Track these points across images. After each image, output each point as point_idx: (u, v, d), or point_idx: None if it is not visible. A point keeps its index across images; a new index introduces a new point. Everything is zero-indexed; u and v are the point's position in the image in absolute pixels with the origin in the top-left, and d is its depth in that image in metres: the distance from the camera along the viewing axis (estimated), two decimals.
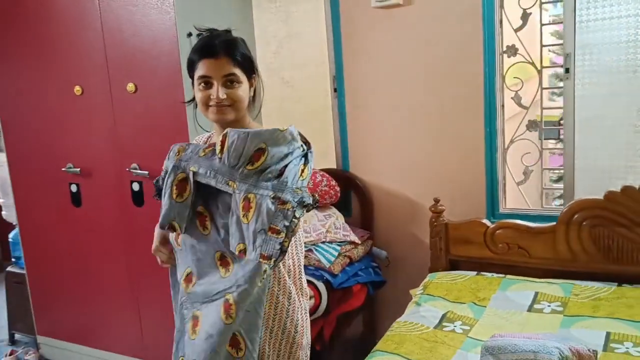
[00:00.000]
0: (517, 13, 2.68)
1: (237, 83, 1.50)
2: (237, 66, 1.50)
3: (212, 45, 1.49)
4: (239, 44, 1.54)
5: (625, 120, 2.43)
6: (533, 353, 1.53)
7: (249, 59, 1.55)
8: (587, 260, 2.16)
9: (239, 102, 1.51)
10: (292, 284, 1.50)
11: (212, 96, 1.49)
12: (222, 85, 1.49)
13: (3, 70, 3.06)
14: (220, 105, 1.49)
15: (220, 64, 1.48)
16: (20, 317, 3.50)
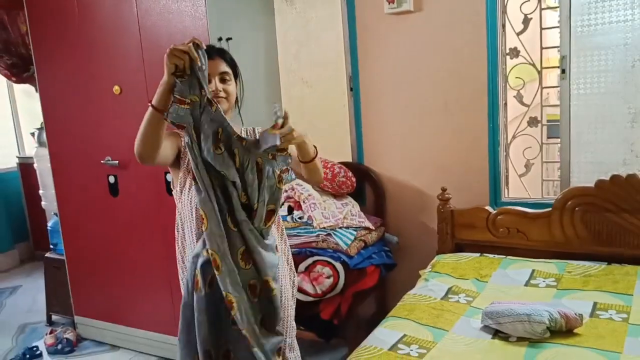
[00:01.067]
0: (519, 18, 2.92)
1: (229, 80, 1.85)
2: (228, 66, 1.85)
3: (211, 50, 1.83)
4: (228, 52, 1.91)
5: (619, 117, 2.66)
6: (526, 315, 1.78)
7: (235, 64, 1.91)
8: (579, 242, 2.40)
9: (231, 95, 1.85)
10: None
11: (212, 89, 1.77)
12: (219, 81, 1.81)
13: (48, 70, 3.32)
14: (218, 96, 1.79)
15: (216, 63, 1.81)
16: (58, 300, 3.75)
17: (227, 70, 1.85)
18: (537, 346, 1.73)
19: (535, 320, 1.76)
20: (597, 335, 1.77)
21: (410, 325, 1.94)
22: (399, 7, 2.85)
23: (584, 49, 2.66)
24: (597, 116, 2.69)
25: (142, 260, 3.21)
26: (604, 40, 2.62)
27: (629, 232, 2.30)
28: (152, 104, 1.66)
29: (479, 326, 1.90)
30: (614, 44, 2.60)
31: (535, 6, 2.85)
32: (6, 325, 3.87)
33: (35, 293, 4.29)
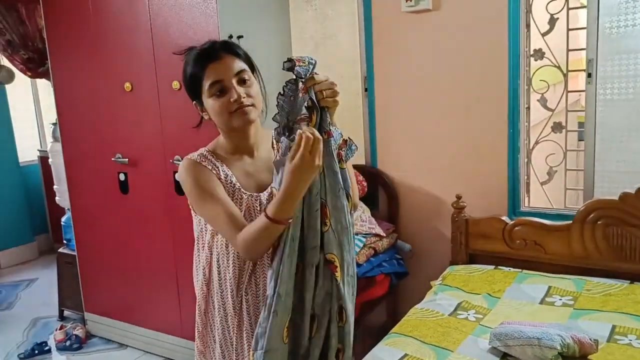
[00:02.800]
0: (545, 17, 2.77)
1: (249, 80, 1.45)
2: (243, 62, 1.46)
3: (211, 48, 1.44)
4: (234, 42, 1.51)
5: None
6: (537, 339, 1.66)
7: (249, 56, 1.51)
8: (600, 257, 2.26)
9: (257, 99, 1.46)
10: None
11: (233, 98, 1.41)
12: (238, 85, 1.43)
13: (62, 65, 3.31)
14: (243, 105, 1.42)
15: (228, 63, 1.42)
16: (70, 295, 3.76)
17: (243, 68, 1.44)
18: None
19: (546, 345, 1.64)
20: None
21: (413, 343, 1.84)
22: (416, 6, 2.73)
23: (613, 52, 2.51)
24: (625, 123, 2.53)
25: (151, 259, 3.18)
26: (635, 44, 2.46)
27: None
28: (273, 217, 1.34)
29: (486, 347, 1.79)
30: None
31: (563, 6, 2.70)
32: (19, 319, 3.90)
33: (51, 287, 4.30)
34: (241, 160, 1.54)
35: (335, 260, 1.41)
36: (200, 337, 1.68)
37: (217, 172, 1.49)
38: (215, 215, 1.45)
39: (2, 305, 4.18)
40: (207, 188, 1.46)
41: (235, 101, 1.41)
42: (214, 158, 1.52)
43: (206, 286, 1.60)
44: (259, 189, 1.53)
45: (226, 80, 1.42)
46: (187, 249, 2.91)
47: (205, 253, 1.59)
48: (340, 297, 1.42)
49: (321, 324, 1.44)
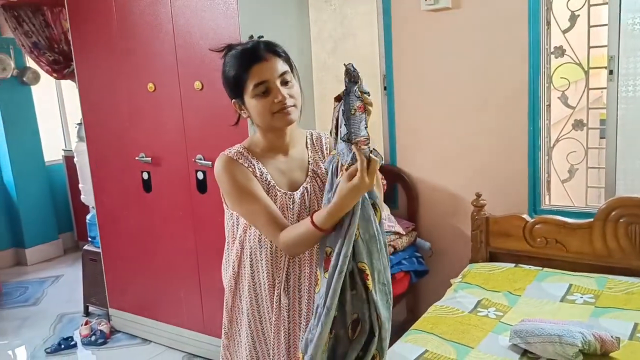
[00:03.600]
0: (565, 15, 2.76)
1: (291, 82, 1.48)
2: (285, 63, 1.48)
3: (256, 49, 1.46)
4: (276, 43, 1.52)
5: None
6: (558, 337, 1.67)
7: (289, 56, 1.53)
8: (622, 256, 2.25)
9: (298, 100, 1.49)
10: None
11: (277, 99, 1.43)
12: (281, 86, 1.45)
13: (86, 67, 3.38)
14: (286, 106, 1.45)
15: (272, 64, 1.45)
16: (95, 292, 3.84)
17: (286, 69, 1.47)
18: None
19: (567, 342, 1.64)
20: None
21: (433, 340, 1.86)
22: (436, 4, 2.74)
23: (635, 49, 2.48)
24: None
25: (174, 257, 3.23)
26: None
27: None
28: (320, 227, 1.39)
29: (507, 344, 1.80)
30: None
31: (584, 2, 2.68)
32: (46, 314, 4.00)
33: (76, 283, 4.40)
34: (275, 158, 1.57)
35: (366, 269, 1.43)
36: (226, 332, 1.71)
37: (252, 169, 1.52)
38: (255, 214, 1.49)
39: (29, 301, 4.28)
40: (246, 186, 1.49)
41: (280, 102, 1.44)
42: (249, 155, 1.54)
43: (234, 280, 1.63)
44: (291, 187, 1.56)
45: (271, 82, 1.44)
46: (209, 246, 2.99)
47: (235, 247, 1.62)
48: (374, 305, 1.44)
49: (364, 329, 1.46)
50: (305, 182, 1.57)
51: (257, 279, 1.59)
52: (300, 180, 1.58)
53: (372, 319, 1.44)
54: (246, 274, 1.60)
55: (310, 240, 1.43)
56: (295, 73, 1.53)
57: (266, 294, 1.58)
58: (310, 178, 1.58)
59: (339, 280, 1.38)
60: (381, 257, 1.47)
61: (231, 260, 1.64)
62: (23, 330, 3.77)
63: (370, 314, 1.44)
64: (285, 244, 1.45)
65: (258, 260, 1.57)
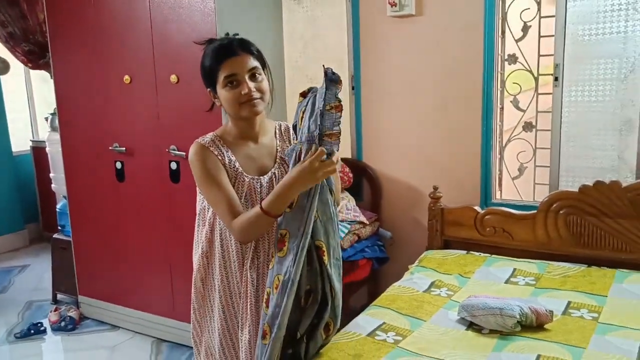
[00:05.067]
0: (519, 25, 3.00)
1: (260, 75, 1.63)
2: (256, 60, 1.64)
3: (229, 45, 1.62)
4: (250, 41, 1.68)
5: (610, 126, 2.74)
6: (499, 309, 1.88)
7: (262, 54, 1.69)
8: (561, 244, 2.49)
9: (266, 93, 1.65)
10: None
11: (244, 91, 1.59)
12: (249, 80, 1.61)
13: (63, 57, 3.45)
14: (252, 98, 1.60)
15: (243, 60, 1.60)
16: (64, 279, 3.88)
17: (256, 65, 1.63)
18: (507, 339, 1.83)
19: (506, 314, 1.85)
20: (566, 331, 1.86)
21: (390, 314, 2.05)
22: (401, 11, 2.94)
23: (579, 58, 2.74)
24: (589, 123, 2.77)
25: (145, 245, 3.32)
26: (599, 51, 2.70)
27: (609, 236, 2.39)
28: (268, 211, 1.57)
29: (455, 318, 2.00)
30: (607, 55, 2.68)
31: (535, 14, 2.92)
32: (14, 302, 4.03)
33: (43, 272, 4.44)
34: (246, 145, 1.75)
35: (323, 246, 1.64)
36: (195, 309, 1.86)
37: (222, 157, 1.68)
38: (217, 201, 1.65)
39: None
40: (213, 174, 1.65)
41: (246, 94, 1.61)
42: (220, 143, 1.71)
43: (206, 258, 1.79)
44: (260, 172, 1.74)
45: (240, 75, 1.61)
46: (180, 235, 3.11)
47: (205, 229, 1.77)
48: (329, 277, 1.65)
49: (315, 298, 1.66)
50: (274, 167, 1.75)
51: (227, 258, 1.74)
52: (269, 166, 1.75)
53: (326, 290, 1.66)
54: (217, 253, 1.75)
55: (260, 225, 1.60)
56: (267, 70, 1.70)
57: (236, 270, 1.73)
58: (278, 164, 1.76)
59: (301, 255, 1.57)
60: (335, 236, 1.69)
61: (201, 241, 1.79)
62: None
63: (324, 286, 1.65)
64: (238, 229, 1.62)
65: (228, 240, 1.73)
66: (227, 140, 1.73)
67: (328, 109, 1.54)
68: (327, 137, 1.54)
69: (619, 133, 2.71)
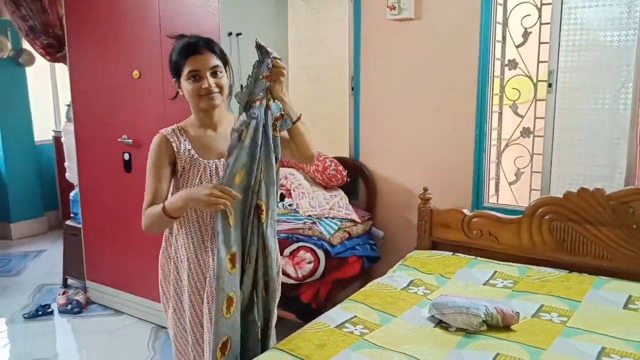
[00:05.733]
0: (520, 31, 3.02)
1: (220, 73, 1.82)
2: (218, 59, 1.82)
3: (196, 44, 1.80)
4: (215, 41, 1.87)
5: (604, 133, 2.74)
6: (465, 308, 1.93)
7: (224, 54, 1.88)
8: (544, 249, 2.51)
9: (224, 89, 1.83)
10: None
11: (204, 85, 1.78)
12: (210, 76, 1.79)
13: (77, 53, 3.62)
14: (211, 92, 1.79)
15: (206, 58, 1.79)
16: (74, 265, 4.05)
17: (217, 64, 1.82)
18: (471, 337, 1.88)
19: (472, 313, 1.90)
20: (531, 333, 1.89)
21: (363, 308, 2.11)
22: (399, 14, 2.99)
23: (574, 65, 2.75)
24: (582, 131, 2.78)
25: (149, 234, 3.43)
26: (594, 58, 2.70)
27: (590, 243, 2.40)
28: (169, 214, 1.79)
29: (426, 315, 2.05)
30: (603, 63, 2.69)
31: (536, 20, 2.94)
32: (26, 285, 4.22)
33: (57, 258, 4.61)
34: (205, 134, 1.92)
35: (263, 205, 1.84)
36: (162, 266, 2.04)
37: (177, 145, 1.87)
38: (147, 188, 1.90)
39: (11, 272, 4.50)
40: (156, 166, 1.88)
41: (206, 88, 1.79)
42: (180, 133, 1.91)
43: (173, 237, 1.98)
44: (218, 157, 1.90)
45: (202, 71, 1.79)
46: None
47: None
48: (263, 236, 1.84)
49: (250, 257, 1.84)
50: None
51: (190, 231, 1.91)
52: (224, 151, 1.87)
53: (259, 247, 1.84)
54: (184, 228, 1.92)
55: (159, 221, 1.84)
56: (229, 68, 1.89)
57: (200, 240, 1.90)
58: None
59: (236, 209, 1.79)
60: (275, 200, 1.89)
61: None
62: (3, 297, 3.98)
63: (257, 244, 1.84)
64: (144, 218, 1.88)
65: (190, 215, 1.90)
66: (187, 131, 1.92)
67: (261, 77, 1.76)
68: (254, 102, 1.77)
69: (609, 141, 2.71)
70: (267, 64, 1.76)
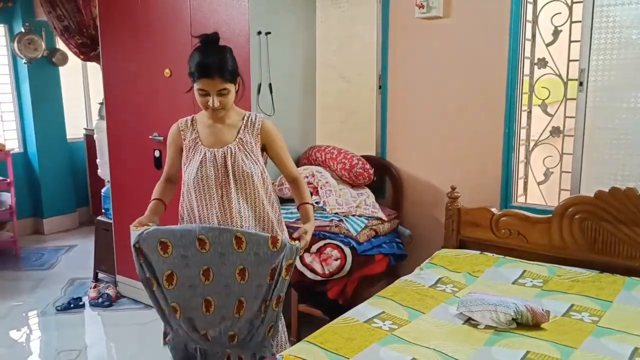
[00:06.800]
0: (550, 29, 2.99)
1: (227, 94, 2.06)
2: (226, 82, 2.04)
3: (207, 68, 2.01)
4: (228, 60, 2.06)
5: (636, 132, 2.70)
6: (494, 306, 1.93)
7: (235, 72, 2.09)
8: (575, 248, 2.49)
9: (228, 104, 2.09)
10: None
11: (209, 103, 2.05)
12: (217, 96, 2.03)
13: (110, 52, 3.70)
14: (215, 109, 2.07)
15: (215, 83, 2.02)
16: (104, 259, 4.15)
17: (225, 87, 2.05)
18: (500, 334, 1.88)
19: (501, 311, 1.90)
20: (561, 332, 1.88)
21: (391, 304, 2.12)
22: (428, 13, 2.99)
23: (605, 64, 2.71)
24: (614, 130, 2.74)
25: None
26: (626, 57, 2.67)
27: (623, 243, 2.37)
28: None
29: (454, 312, 2.05)
30: (636, 61, 2.65)
31: (566, 19, 2.91)
32: (59, 278, 4.33)
33: (88, 253, 4.72)
34: (213, 125, 2.20)
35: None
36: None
37: (184, 133, 2.23)
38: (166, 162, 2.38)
39: (44, 266, 4.62)
40: (169, 147, 2.32)
41: (210, 106, 2.07)
42: (191, 123, 2.25)
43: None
44: (221, 145, 2.16)
45: (210, 93, 2.06)
46: None
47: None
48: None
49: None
50: (232, 144, 2.15)
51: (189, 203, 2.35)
52: (228, 141, 2.16)
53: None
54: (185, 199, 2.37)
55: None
56: (237, 82, 2.12)
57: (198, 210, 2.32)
58: (237, 144, 2.15)
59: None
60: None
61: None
62: (37, 290, 4.10)
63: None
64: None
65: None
66: (198, 121, 2.24)
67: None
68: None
69: None
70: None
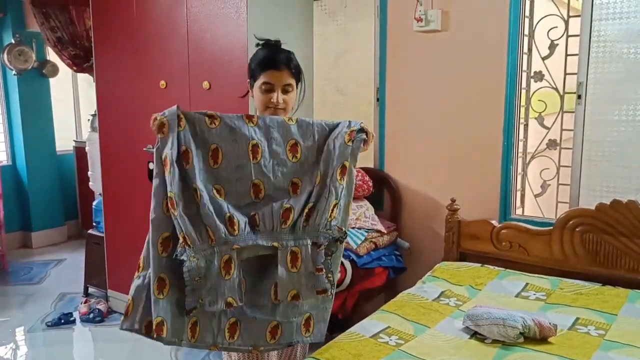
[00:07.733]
0: (546, 43, 3.02)
1: (291, 89, 1.91)
2: (292, 77, 1.90)
3: (275, 59, 1.88)
4: (294, 58, 1.94)
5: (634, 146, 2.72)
6: (502, 320, 1.91)
7: (300, 70, 1.96)
8: (577, 261, 2.48)
9: (289, 105, 1.93)
10: None
11: (273, 100, 1.87)
12: (281, 92, 1.88)
13: (104, 63, 3.65)
14: (277, 107, 1.88)
15: (282, 75, 1.87)
16: (95, 273, 4.05)
17: (290, 82, 1.90)
18: (508, 349, 1.85)
19: (509, 325, 1.88)
20: (569, 346, 1.87)
21: (396, 319, 2.09)
22: (426, 26, 3.00)
23: (604, 77, 2.74)
24: (612, 143, 2.76)
25: None
26: (624, 70, 2.69)
27: (625, 255, 2.37)
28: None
29: (460, 327, 2.03)
30: (633, 75, 2.67)
31: (562, 33, 2.94)
32: (48, 293, 4.23)
33: (78, 267, 4.63)
34: None
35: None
36: None
37: None
38: None
39: (33, 280, 4.53)
40: None
41: (274, 103, 1.89)
42: None
43: None
44: None
45: (275, 86, 1.88)
46: None
47: None
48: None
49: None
50: None
51: None
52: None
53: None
54: None
55: None
56: (301, 84, 1.97)
57: None
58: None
59: None
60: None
61: None
62: (26, 305, 4.00)
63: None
64: None
65: None
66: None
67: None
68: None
69: None
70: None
